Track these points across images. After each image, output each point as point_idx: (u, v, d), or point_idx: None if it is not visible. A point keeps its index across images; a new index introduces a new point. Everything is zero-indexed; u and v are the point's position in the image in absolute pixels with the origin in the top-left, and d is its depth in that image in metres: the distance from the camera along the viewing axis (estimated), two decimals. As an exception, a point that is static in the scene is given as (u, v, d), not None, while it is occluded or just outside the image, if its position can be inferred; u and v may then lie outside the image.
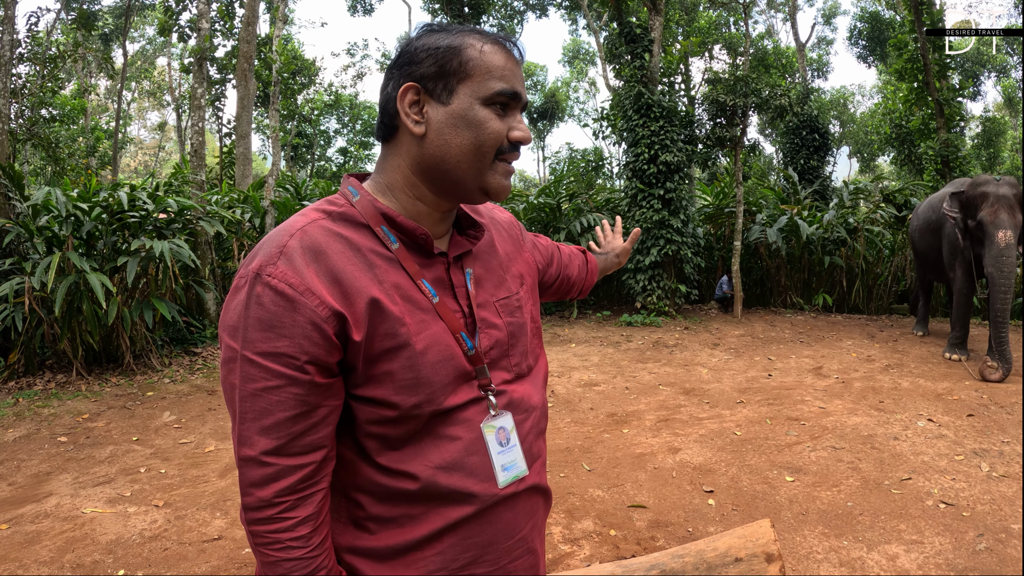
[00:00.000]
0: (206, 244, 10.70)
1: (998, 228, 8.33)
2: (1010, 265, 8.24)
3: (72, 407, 7.36)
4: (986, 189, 8.61)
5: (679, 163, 12.99)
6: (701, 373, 8.93)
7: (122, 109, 33.61)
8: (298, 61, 29.83)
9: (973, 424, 6.50)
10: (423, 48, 1.39)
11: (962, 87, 17.20)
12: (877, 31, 32.61)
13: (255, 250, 1.35)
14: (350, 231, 1.38)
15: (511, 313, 1.59)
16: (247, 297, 1.29)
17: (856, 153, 42.68)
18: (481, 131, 1.38)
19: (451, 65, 1.37)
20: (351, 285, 1.31)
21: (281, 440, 1.29)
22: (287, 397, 1.28)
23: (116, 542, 4.43)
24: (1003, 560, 4.06)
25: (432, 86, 1.38)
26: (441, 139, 1.38)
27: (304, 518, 1.32)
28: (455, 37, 1.39)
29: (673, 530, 4.54)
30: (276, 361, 1.27)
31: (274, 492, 1.30)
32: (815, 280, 14.73)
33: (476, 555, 1.44)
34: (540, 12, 33.86)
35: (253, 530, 1.32)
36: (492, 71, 1.39)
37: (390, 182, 1.45)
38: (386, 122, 1.43)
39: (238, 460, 1.32)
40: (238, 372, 1.29)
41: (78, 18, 19.71)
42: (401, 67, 1.40)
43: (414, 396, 1.35)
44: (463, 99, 1.38)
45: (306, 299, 1.27)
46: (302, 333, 1.26)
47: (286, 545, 1.30)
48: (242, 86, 13.98)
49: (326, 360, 1.30)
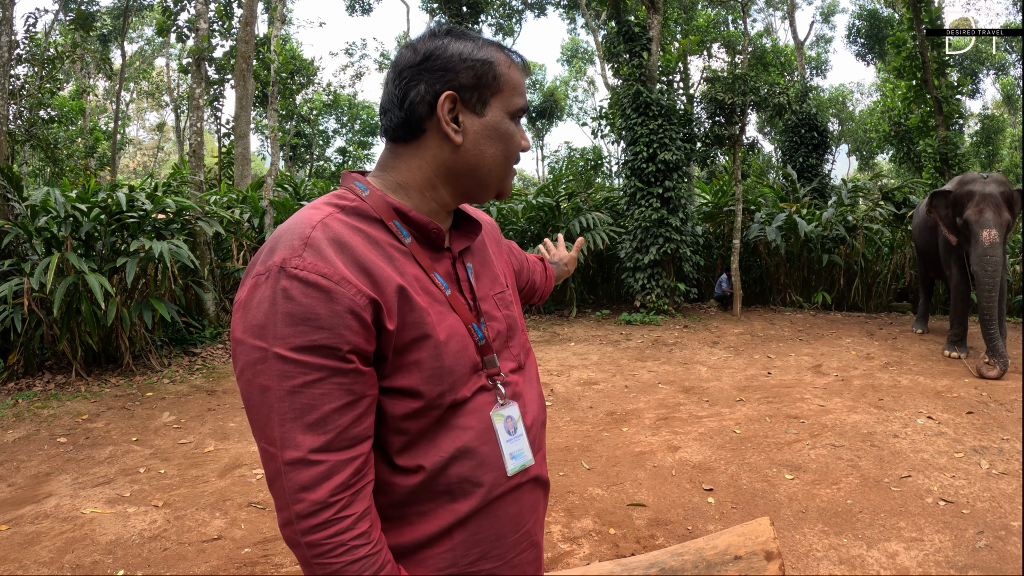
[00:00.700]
0: (205, 244, 10.70)
1: (983, 227, 8.36)
2: (994, 264, 8.27)
3: (71, 408, 7.36)
4: (972, 188, 8.65)
5: (678, 161, 12.99)
6: (700, 371, 8.93)
7: (121, 110, 33.62)
8: (296, 61, 29.81)
9: (973, 421, 6.50)
10: (459, 57, 1.40)
11: (961, 85, 17.21)
12: (876, 29, 32.61)
13: (269, 246, 1.33)
14: (365, 225, 1.38)
15: (507, 307, 1.64)
16: (273, 293, 1.25)
17: (855, 151, 42.71)
18: (511, 144, 1.48)
19: (487, 78, 1.42)
20: (380, 275, 1.31)
21: (329, 435, 1.26)
22: (331, 388, 1.25)
23: (115, 542, 4.42)
24: (1003, 557, 4.06)
25: (468, 96, 1.41)
26: (477, 148, 1.44)
27: (362, 513, 1.29)
28: (484, 50, 1.44)
29: (672, 528, 4.54)
30: (315, 354, 1.24)
31: (329, 491, 1.25)
32: (814, 278, 14.73)
33: (484, 550, 1.45)
34: (539, 11, 33.86)
35: (311, 540, 1.25)
36: (516, 87, 1.48)
37: (404, 181, 1.46)
38: (412, 123, 1.42)
39: (281, 467, 1.26)
40: (272, 371, 1.25)
41: (76, 19, 19.67)
42: (434, 72, 1.40)
43: (439, 385, 1.37)
44: (495, 112, 1.45)
45: (343, 288, 1.26)
46: (342, 323, 1.25)
47: (350, 546, 1.26)
48: (240, 86, 13.99)
49: (366, 348, 1.29)
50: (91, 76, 34.32)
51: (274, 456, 1.27)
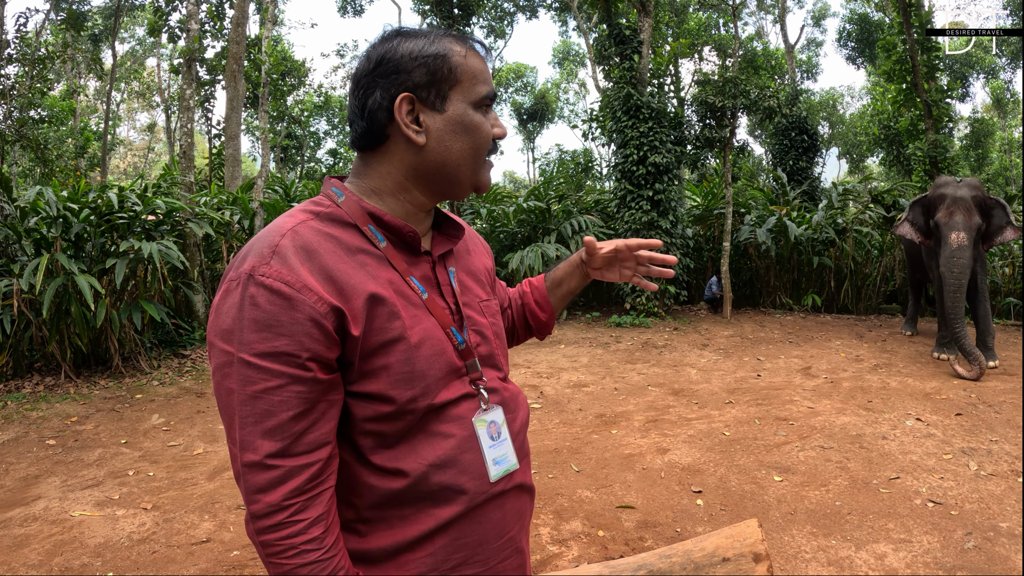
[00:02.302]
0: (195, 246, 10.67)
1: (951, 229, 8.47)
2: (960, 266, 8.37)
3: (60, 410, 7.33)
4: (944, 191, 8.77)
5: (668, 164, 13.03)
6: (690, 374, 8.94)
7: (111, 110, 33.47)
8: (288, 62, 29.74)
9: (961, 423, 6.53)
10: (409, 57, 1.39)
11: (950, 88, 17.23)
12: (866, 33, 32.73)
13: (244, 252, 1.34)
14: (339, 230, 1.39)
15: (493, 315, 1.64)
16: (241, 299, 1.28)
17: (845, 154, 42.82)
18: (478, 135, 1.45)
19: (442, 72, 1.40)
20: (346, 283, 1.32)
21: (285, 441, 1.27)
22: (289, 396, 1.27)
23: (104, 545, 4.41)
24: (991, 558, 4.07)
25: (425, 94, 1.40)
26: (442, 146, 1.42)
27: (315, 519, 1.30)
28: (436, 43, 1.42)
29: (661, 530, 4.54)
30: (276, 361, 1.26)
31: (283, 495, 1.27)
32: (804, 280, 14.77)
33: (467, 555, 1.44)
34: (530, 14, 33.83)
35: (264, 539, 1.29)
36: (476, 75, 1.45)
37: (377, 187, 1.46)
38: (374, 131, 1.42)
39: (241, 468, 1.29)
40: (235, 376, 1.27)
41: (67, 18, 19.58)
42: (387, 76, 1.40)
43: (410, 390, 1.36)
44: (457, 105, 1.42)
45: (304, 296, 1.27)
46: (302, 330, 1.26)
47: (300, 550, 1.28)
48: (231, 87, 13.93)
49: (326, 356, 1.29)
50: (82, 76, 34.18)
51: (236, 456, 1.30)
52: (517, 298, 2.03)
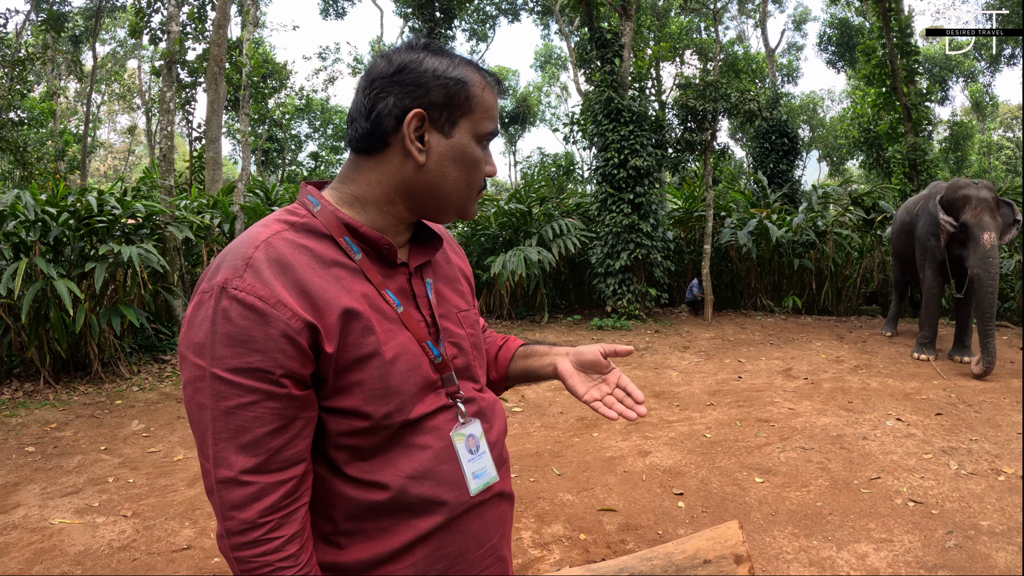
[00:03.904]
0: (175, 250, 10.59)
1: (983, 230, 8.49)
2: (995, 265, 8.42)
3: (40, 416, 7.26)
4: (967, 192, 8.77)
5: (649, 167, 13.05)
6: (671, 376, 8.95)
7: (91, 112, 33.30)
8: (269, 65, 29.65)
9: (941, 423, 6.56)
10: (432, 74, 1.37)
11: (929, 92, 17.37)
12: (846, 37, 32.98)
13: (216, 263, 1.32)
14: (313, 242, 1.36)
15: (471, 325, 1.62)
16: (213, 312, 1.25)
17: (825, 157, 43.09)
18: (475, 171, 1.45)
19: (458, 98, 1.39)
20: (320, 297, 1.29)
21: (261, 457, 1.26)
22: (264, 412, 1.25)
23: (84, 553, 4.37)
24: (972, 557, 4.09)
25: (437, 115, 1.38)
26: (440, 170, 1.40)
27: (291, 536, 1.28)
28: (459, 68, 1.40)
29: (643, 533, 4.54)
30: (249, 376, 1.24)
31: (258, 512, 1.25)
32: (785, 283, 14.83)
33: (448, 566, 1.43)
34: (512, 17, 33.86)
35: (239, 556, 1.27)
36: (488, 111, 1.44)
37: (362, 195, 1.43)
38: (376, 136, 1.39)
39: (215, 484, 1.27)
40: (208, 391, 1.25)
41: (47, 19, 19.47)
42: (405, 85, 1.37)
43: (385, 405, 1.34)
44: (463, 135, 1.41)
45: (278, 312, 1.25)
46: (276, 347, 1.24)
47: (276, 567, 1.26)
48: (212, 90, 13.86)
49: (301, 372, 1.27)
50: (62, 78, 33.98)
51: (209, 472, 1.28)
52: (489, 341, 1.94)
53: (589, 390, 1.70)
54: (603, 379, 1.72)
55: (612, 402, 1.68)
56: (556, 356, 1.77)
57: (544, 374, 1.79)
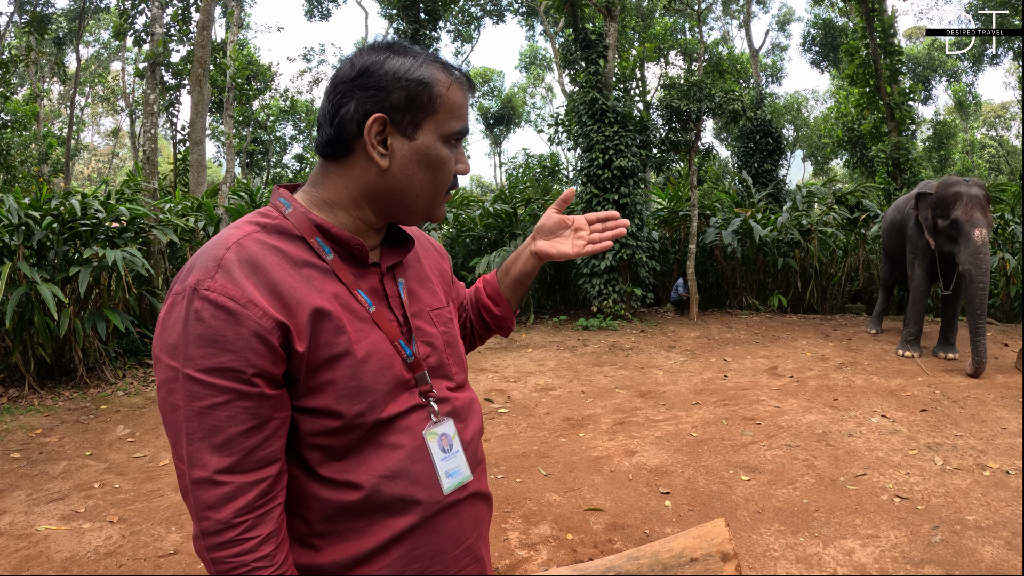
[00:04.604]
0: (159, 253, 10.53)
1: (974, 226, 8.50)
2: (986, 262, 8.44)
3: (25, 422, 7.20)
4: (959, 189, 8.80)
5: (633, 168, 13.05)
6: (657, 375, 8.96)
7: (75, 115, 33.09)
8: (253, 66, 29.57)
9: (926, 419, 6.59)
10: (393, 76, 1.36)
11: (913, 91, 17.47)
12: (830, 37, 33.12)
13: (189, 265, 1.32)
14: (285, 243, 1.36)
15: (445, 324, 1.61)
16: (186, 313, 1.25)
17: (809, 156, 43.35)
18: (441, 173, 1.43)
19: (421, 100, 1.38)
20: (291, 297, 1.30)
21: (235, 457, 1.26)
22: (237, 412, 1.25)
23: (71, 559, 4.33)
24: (959, 551, 4.11)
25: (399, 118, 1.37)
26: (404, 174, 1.40)
27: (266, 536, 1.28)
28: (423, 68, 1.38)
29: (630, 532, 4.54)
30: (222, 376, 1.24)
31: (232, 512, 1.25)
32: (770, 281, 14.86)
33: (424, 566, 1.43)
34: (497, 18, 33.83)
35: (214, 557, 1.26)
36: (454, 110, 1.42)
37: (331, 199, 1.43)
38: (340, 141, 1.39)
39: (189, 484, 1.27)
40: (181, 392, 1.25)
41: (31, 21, 19.37)
42: (366, 89, 1.36)
43: (357, 404, 1.34)
44: (427, 136, 1.40)
45: (249, 311, 1.25)
46: (247, 346, 1.24)
47: (252, 567, 1.26)
48: (196, 91, 13.78)
49: (273, 371, 1.28)
50: (45, 80, 33.83)
51: (183, 473, 1.28)
52: (472, 296, 1.99)
53: (574, 244, 1.81)
54: (574, 230, 1.82)
55: (598, 237, 1.80)
56: (526, 249, 1.87)
57: (529, 268, 1.88)
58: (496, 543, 4.38)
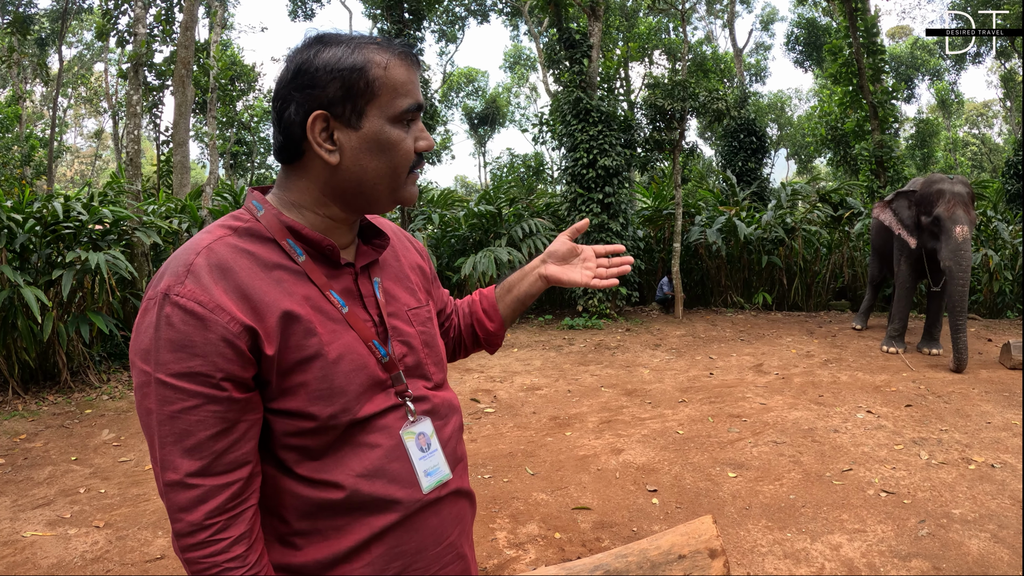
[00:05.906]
0: (143, 255, 10.46)
1: (956, 223, 8.54)
2: (967, 258, 8.47)
3: (9, 427, 7.14)
4: (942, 187, 8.84)
5: (618, 167, 13.08)
6: (643, 374, 8.96)
7: (58, 116, 32.90)
8: (237, 67, 29.41)
9: (911, 414, 6.62)
10: (325, 69, 1.34)
11: (895, 90, 17.57)
12: (813, 37, 33.22)
13: (161, 270, 1.32)
14: (256, 246, 1.36)
15: (423, 323, 1.61)
16: (157, 319, 1.26)
17: (793, 155, 43.49)
18: (395, 154, 1.40)
19: (358, 87, 1.35)
20: (260, 300, 1.30)
21: (205, 460, 1.27)
22: (206, 416, 1.26)
23: (57, 565, 4.30)
24: (945, 544, 4.13)
25: (340, 111, 1.35)
26: (357, 165, 1.38)
27: (238, 537, 1.29)
28: (356, 54, 1.36)
29: (618, 530, 4.54)
30: (191, 381, 1.25)
31: (204, 514, 1.27)
32: (755, 279, 14.92)
33: (405, 564, 1.43)
34: (482, 18, 33.78)
35: (188, 557, 1.29)
36: (397, 88, 1.39)
37: (297, 201, 1.43)
38: (290, 146, 1.38)
39: (163, 487, 1.28)
40: (153, 396, 1.26)
41: (13, 22, 19.24)
42: (302, 90, 1.35)
43: (330, 406, 1.34)
44: (373, 121, 1.37)
45: (216, 316, 1.26)
46: (215, 351, 1.25)
47: (224, 568, 1.27)
48: (180, 92, 13.73)
49: (241, 375, 1.28)
50: (28, 81, 33.57)
51: (159, 476, 1.30)
52: (465, 308, 1.98)
53: (582, 273, 1.85)
54: (582, 259, 1.88)
55: (604, 272, 1.86)
56: (535, 270, 1.89)
57: (534, 291, 1.90)
58: (484, 543, 4.37)
